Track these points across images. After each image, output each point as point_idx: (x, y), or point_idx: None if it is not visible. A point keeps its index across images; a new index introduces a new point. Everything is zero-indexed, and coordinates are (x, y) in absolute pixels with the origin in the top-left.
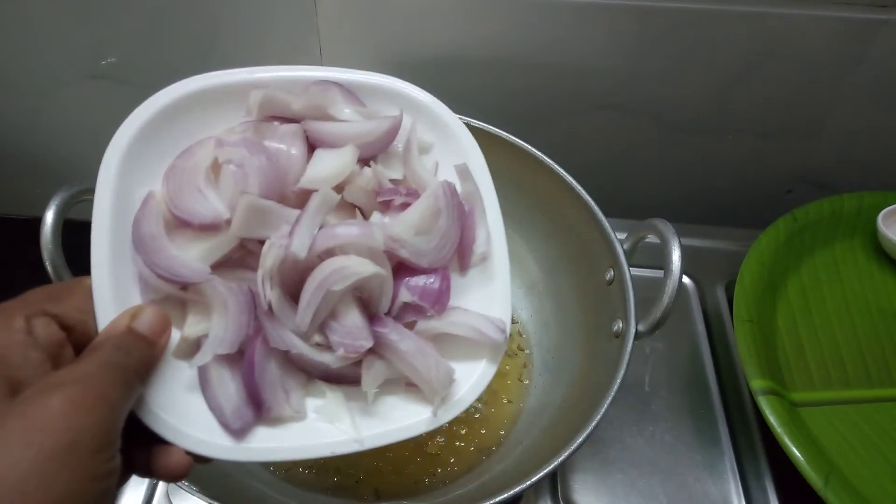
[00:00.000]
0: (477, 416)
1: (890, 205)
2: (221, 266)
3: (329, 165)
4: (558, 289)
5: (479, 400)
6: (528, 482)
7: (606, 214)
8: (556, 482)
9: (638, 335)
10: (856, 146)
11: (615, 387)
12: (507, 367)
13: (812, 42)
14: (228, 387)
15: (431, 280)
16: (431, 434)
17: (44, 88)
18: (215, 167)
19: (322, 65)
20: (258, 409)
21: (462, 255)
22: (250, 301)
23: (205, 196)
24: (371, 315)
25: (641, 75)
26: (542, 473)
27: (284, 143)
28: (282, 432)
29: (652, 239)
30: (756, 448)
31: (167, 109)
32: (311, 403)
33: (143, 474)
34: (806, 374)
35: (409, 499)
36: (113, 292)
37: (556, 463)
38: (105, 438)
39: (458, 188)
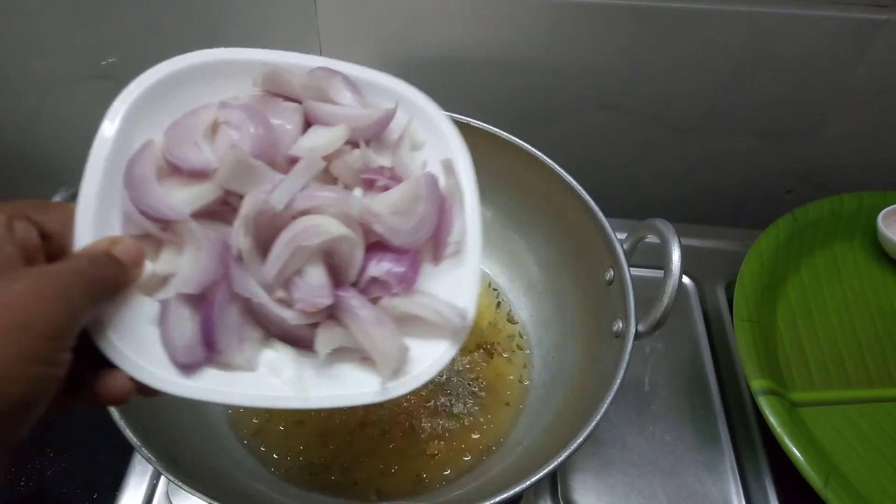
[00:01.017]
0: (477, 416)
1: (890, 205)
2: (203, 216)
3: (320, 137)
4: (558, 289)
5: (477, 402)
6: (528, 482)
7: (606, 214)
8: (556, 482)
9: (638, 335)
10: (856, 146)
11: (615, 387)
12: (508, 368)
13: (812, 42)
14: (185, 324)
15: (401, 259)
16: (432, 434)
17: (44, 88)
18: (215, 127)
19: None
20: (210, 349)
21: (436, 245)
22: (222, 250)
23: (199, 148)
24: (337, 284)
25: (641, 75)
26: (542, 473)
27: (282, 119)
28: (231, 378)
29: (652, 239)
30: (756, 448)
31: (181, 73)
32: (264, 359)
33: (86, 399)
34: (806, 374)
35: (409, 499)
36: (95, 218)
37: (556, 463)
38: (58, 330)
39: (442, 182)
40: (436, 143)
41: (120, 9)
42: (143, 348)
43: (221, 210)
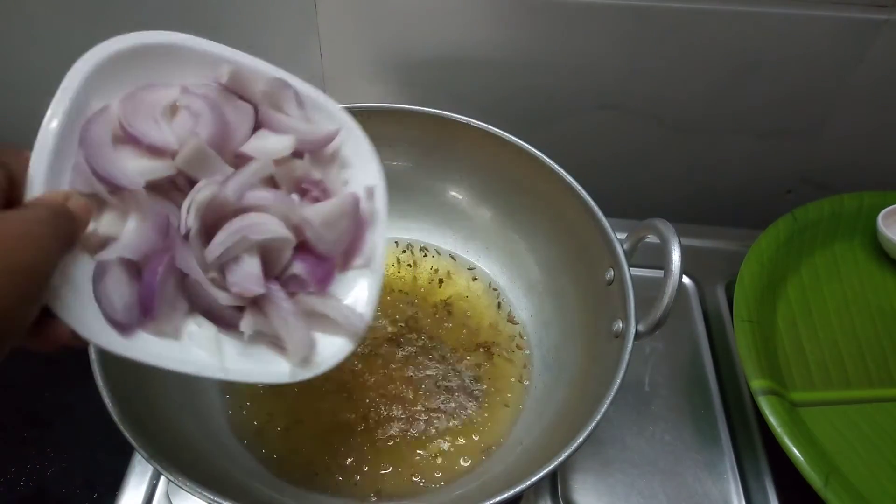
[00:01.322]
0: (477, 416)
1: (890, 205)
2: (149, 189)
3: (271, 142)
4: (558, 289)
5: (477, 402)
6: (528, 482)
7: (606, 214)
8: (556, 482)
9: (638, 335)
10: (856, 146)
11: (615, 387)
12: (508, 369)
13: (812, 42)
14: (123, 287)
15: (320, 264)
16: (432, 435)
17: (44, 88)
18: (173, 108)
19: (322, 65)
20: (146, 313)
21: (348, 256)
22: (165, 224)
23: (159, 125)
24: (264, 275)
25: (641, 75)
26: (542, 473)
27: (236, 116)
28: (159, 343)
29: (652, 239)
30: (756, 448)
31: (145, 47)
32: (186, 330)
33: (27, 341)
34: (806, 374)
35: (409, 499)
36: (48, 170)
37: (556, 463)
38: (43, 274)
39: (363, 204)
40: (359, 166)
41: (119, 9)
42: (82, 303)
43: (165, 185)
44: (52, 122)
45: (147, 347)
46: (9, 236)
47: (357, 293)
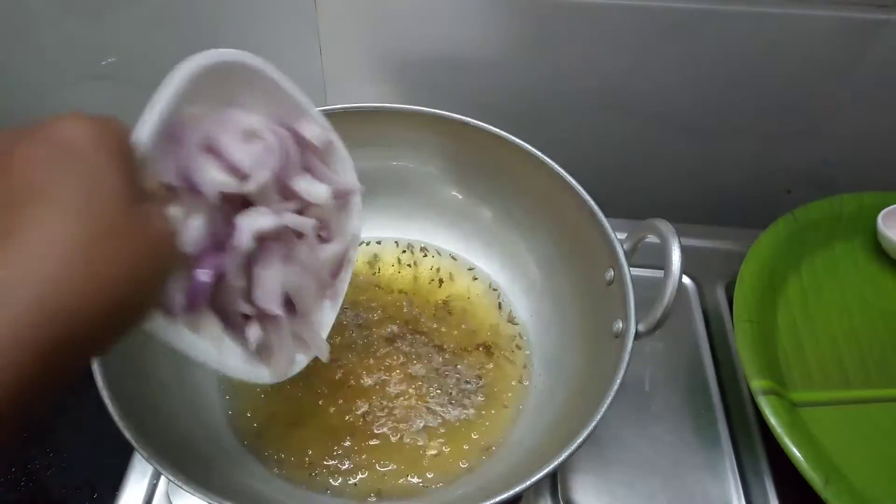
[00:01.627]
0: (477, 416)
1: (890, 205)
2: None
3: (314, 187)
4: (558, 289)
5: (477, 402)
6: (528, 482)
7: (606, 214)
8: (556, 482)
9: (638, 335)
10: (856, 146)
11: (615, 387)
12: (508, 369)
13: (812, 42)
14: (177, 277)
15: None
16: (432, 434)
17: (44, 88)
18: (250, 134)
19: (322, 65)
20: (191, 306)
21: (322, 289)
22: (218, 231)
23: (240, 147)
24: None
25: (642, 75)
26: (542, 473)
27: (294, 157)
28: (182, 331)
29: (652, 239)
30: (756, 448)
31: (242, 66)
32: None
33: None
34: (806, 374)
35: (408, 499)
36: (150, 151)
37: (556, 463)
38: (172, 264)
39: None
40: (351, 216)
41: (120, 9)
42: None
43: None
44: (161, 108)
45: (181, 335)
46: (158, 232)
47: (320, 320)
